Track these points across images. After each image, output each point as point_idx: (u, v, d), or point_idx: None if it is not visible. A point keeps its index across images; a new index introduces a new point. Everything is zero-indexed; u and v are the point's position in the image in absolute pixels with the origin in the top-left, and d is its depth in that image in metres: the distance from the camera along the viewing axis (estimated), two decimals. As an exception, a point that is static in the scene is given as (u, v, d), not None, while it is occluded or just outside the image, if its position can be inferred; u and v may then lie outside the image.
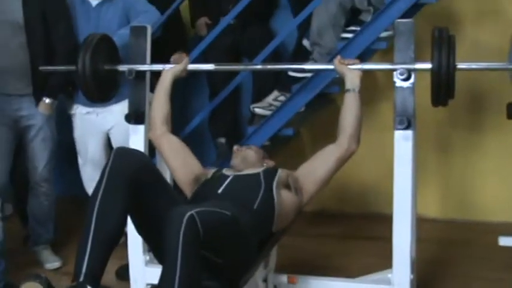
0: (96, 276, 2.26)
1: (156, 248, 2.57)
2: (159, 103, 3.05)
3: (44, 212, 3.96)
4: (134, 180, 2.38)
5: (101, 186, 2.35)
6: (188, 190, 2.89)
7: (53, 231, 4.05)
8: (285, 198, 2.75)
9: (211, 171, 2.92)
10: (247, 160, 2.93)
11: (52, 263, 3.95)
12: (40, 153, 3.85)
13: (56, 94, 3.86)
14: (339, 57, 2.93)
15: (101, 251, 2.29)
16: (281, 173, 2.82)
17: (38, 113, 3.79)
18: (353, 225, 4.61)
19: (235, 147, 3.01)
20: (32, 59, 3.68)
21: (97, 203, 2.32)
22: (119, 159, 2.40)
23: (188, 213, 2.18)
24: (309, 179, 2.83)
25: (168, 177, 3.21)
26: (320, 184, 2.84)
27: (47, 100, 3.80)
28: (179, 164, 2.95)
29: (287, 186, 2.79)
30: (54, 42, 3.74)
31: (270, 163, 2.98)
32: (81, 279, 2.22)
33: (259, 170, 2.84)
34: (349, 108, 2.82)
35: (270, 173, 2.80)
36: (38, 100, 3.77)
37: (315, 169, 2.83)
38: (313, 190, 2.84)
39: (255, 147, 3.06)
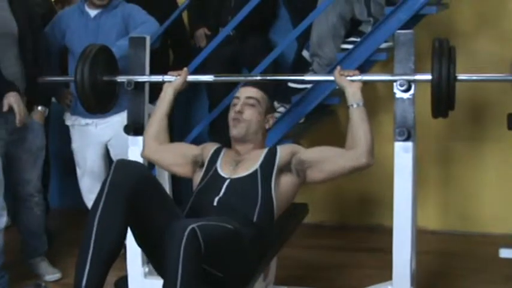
0: None
1: (156, 260, 2.56)
2: (156, 120, 3.03)
3: (38, 223, 3.92)
4: (134, 193, 2.37)
5: (101, 200, 2.34)
6: (192, 176, 2.89)
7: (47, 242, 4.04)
8: (285, 187, 2.74)
9: (208, 152, 2.89)
10: (248, 132, 2.88)
11: (52, 274, 3.91)
12: (35, 163, 3.84)
13: (48, 102, 3.85)
14: (338, 68, 2.92)
15: (100, 265, 2.28)
16: (281, 154, 2.78)
17: (33, 122, 3.78)
18: (353, 237, 4.59)
19: (232, 115, 2.91)
20: (25, 69, 3.68)
21: (97, 216, 2.32)
22: (120, 172, 2.40)
23: (190, 227, 2.18)
24: (317, 166, 2.76)
25: (167, 189, 3.21)
26: (326, 176, 2.77)
27: (40, 108, 3.80)
28: (174, 160, 2.95)
29: (288, 169, 2.77)
30: (40, 52, 3.76)
31: (272, 121, 2.95)
32: None
33: (256, 165, 2.77)
34: (359, 124, 2.75)
35: (269, 163, 2.76)
36: (30, 110, 3.76)
37: (326, 161, 2.76)
38: (317, 178, 2.79)
39: (255, 101, 2.93)
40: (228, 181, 2.74)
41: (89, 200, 3.89)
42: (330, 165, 2.76)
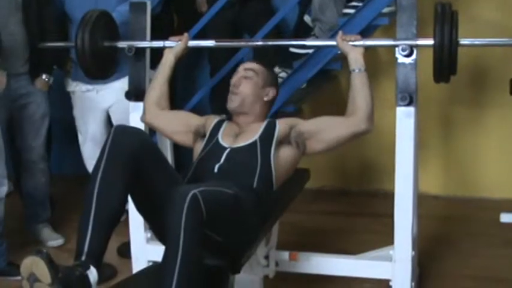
0: (98, 255, 2.26)
1: (157, 227, 2.58)
2: (157, 85, 3.03)
3: (41, 190, 3.96)
4: (134, 158, 2.37)
5: (101, 165, 2.34)
6: (192, 144, 2.90)
7: (50, 208, 4.06)
8: (284, 158, 2.73)
9: (210, 123, 2.88)
10: (243, 103, 2.86)
11: (55, 240, 3.96)
12: (39, 131, 3.85)
13: (52, 70, 3.86)
14: (340, 33, 2.90)
15: (102, 230, 2.28)
16: (280, 127, 2.77)
17: (36, 90, 3.79)
18: (354, 202, 4.62)
19: (232, 82, 2.91)
20: (28, 36, 3.67)
21: (97, 181, 2.32)
22: (119, 137, 2.39)
23: (191, 193, 2.18)
24: (316, 136, 2.75)
25: (169, 157, 3.22)
26: (326, 146, 2.76)
27: (44, 76, 3.80)
28: (175, 127, 2.95)
29: (287, 141, 2.77)
30: (45, 19, 3.74)
31: (271, 93, 2.92)
32: (83, 258, 2.22)
33: (255, 137, 2.76)
34: (359, 88, 2.74)
35: (268, 135, 2.76)
36: (33, 77, 3.77)
37: (325, 130, 2.75)
38: (318, 149, 2.78)
39: (253, 72, 2.91)
40: (228, 150, 2.74)
41: (91, 166, 3.86)
42: (329, 134, 2.75)
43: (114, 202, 2.32)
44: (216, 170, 2.67)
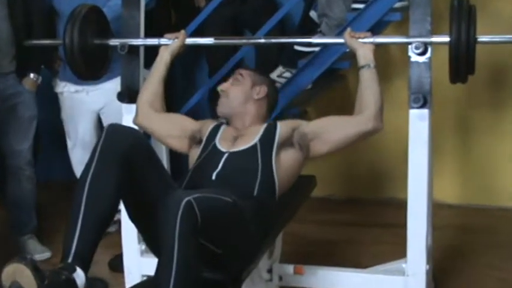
0: (86, 258, 2.25)
1: (150, 237, 2.57)
2: (151, 85, 3.03)
3: (27, 198, 3.93)
4: (127, 159, 2.37)
5: (92, 164, 2.34)
6: (188, 151, 2.91)
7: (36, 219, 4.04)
8: (286, 164, 2.73)
9: (207, 129, 2.89)
10: (232, 105, 2.90)
11: (42, 253, 3.93)
12: (26, 134, 3.84)
13: (40, 69, 3.85)
14: (349, 30, 2.91)
15: (91, 232, 2.27)
16: (282, 129, 2.78)
17: (24, 90, 3.78)
18: (364, 211, 4.62)
19: (219, 88, 2.99)
20: (14, 32, 3.67)
21: (87, 181, 2.31)
22: (112, 136, 2.40)
23: (185, 199, 2.17)
24: (320, 137, 2.75)
25: (165, 162, 3.22)
26: (331, 147, 2.77)
27: (32, 75, 3.79)
28: (168, 130, 2.96)
29: (290, 144, 2.76)
30: (32, 14, 3.74)
31: (262, 91, 2.93)
32: (70, 260, 2.21)
33: (255, 139, 2.76)
34: (368, 86, 2.77)
35: (268, 138, 2.76)
36: (21, 76, 3.76)
37: (330, 130, 2.76)
38: (321, 150, 2.78)
39: (240, 76, 2.97)
40: (226, 155, 2.74)
41: (79, 171, 3.90)
42: (334, 134, 2.76)
43: (105, 204, 2.31)
44: (213, 177, 2.67)
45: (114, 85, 3.64)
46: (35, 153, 4.11)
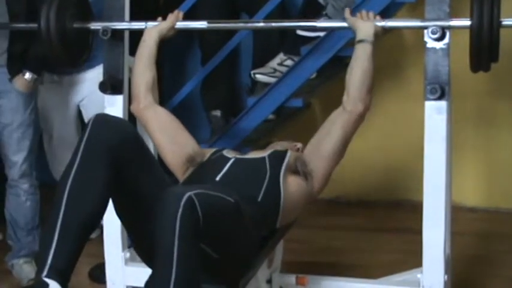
0: (65, 270, 2.23)
1: (141, 241, 2.55)
2: (142, 68, 3.04)
3: (26, 215, 3.81)
4: (116, 155, 2.35)
5: (75, 161, 2.32)
6: (180, 173, 2.89)
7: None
8: (293, 188, 2.75)
9: (208, 152, 2.92)
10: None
11: None
12: (18, 144, 3.73)
13: (39, 68, 3.71)
14: (348, 10, 2.96)
15: (71, 239, 2.25)
16: (290, 156, 2.82)
17: (13, 90, 3.70)
18: (375, 215, 4.63)
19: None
20: (10, 19, 3.59)
21: (70, 180, 2.29)
22: (98, 129, 2.38)
23: (186, 195, 2.15)
24: (315, 157, 2.82)
25: (156, 155, 3.21)
26: (330, 161, 2.82)
27: (27, 74, 3.66)
28: (168, 141, 2.95)
29: (295, 172, 2.79)
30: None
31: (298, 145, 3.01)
32: (45, 273, 2.18)
33: (264, 154, 2.83)
34: (356, 61, 2.83)
35: (278, 158, 2.80)
36: (13, 74, 3.65)
37: (320, 144, 2.83)
38: (323, 170, 2.82)
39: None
40: (233, 159, 2.78)
41: (58, 172, 3.89)
42: (325, 146, 2.81)
43: (89, 207, 2.29)
44: (218, 178, 2.69)
45: (96, 74, 3.62)
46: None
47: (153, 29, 3.08)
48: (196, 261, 2.20)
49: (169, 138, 2.95)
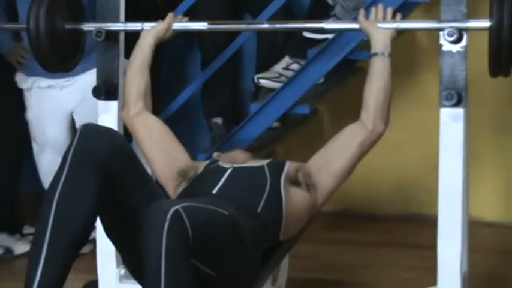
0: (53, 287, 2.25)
1: (131, 257, 2.56)
2: (135, 73, 3.05)
3: None
4: (105, 167, 2.36)
5: (63, 173, 2.33)
6: (171, 187, 2.89)
7: None
8: (295, 198, 2.75)
9: (202, 164, 2.92)
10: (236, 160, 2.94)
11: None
12: None
13: None
14: (363, 11, 2.93)
15: (60, 256, 2.27)
16: (289, 166, 2.82)
17: None
18: (385, 229, 4.63)
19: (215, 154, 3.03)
20: None
21: (57, 193, 2.30)
22: (87, 139, 2.39)
23: (173, 209, 2.16)
24: (323, 172, 2.81)
25: (149, 168, 3.20)
26: (338, 178, 2.83)
27: None
28: (159, 153, 2.95)
29: (296, 183, 2.79)
30: None
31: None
32: None
33: (263, 162, 2.84)
34: (376, 76, 2.81)
35: (277, 166, 2.81)
36: None
37: (331, 159, 2.82)
38: (329, 186, 2.82)
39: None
40: (230, 169, 2.78)
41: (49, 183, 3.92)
42: (337, 161, 2.81)
43: (78, 221, 2.30)
44: (215, 191, 2.69)
45: (91, 77, 3.61)
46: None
47: (149, 32, 3.09)
48: (187, 279, 2.19)
49: (160, 150, 2.96)
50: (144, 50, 3.06)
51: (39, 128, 4.11)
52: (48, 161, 4.10)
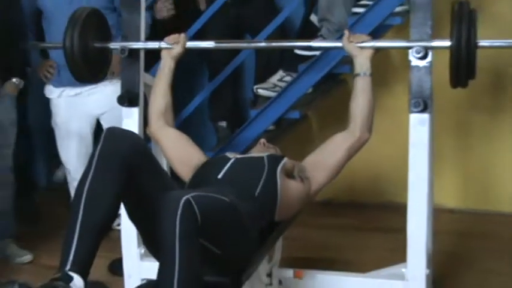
0: (85, 264, 2.25)
1: (150, 239, 2.56)
2: (157, 95, 3.06)
3: (6, 201, 3.89)
4: (127, 164, 2.36)
5: (91, 169, 2.33)
6: (187, 178, 2.89)
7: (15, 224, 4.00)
8: (289, 185, 2.76)
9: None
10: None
11: (22, 257, 3.92)
12: (7, 139, 3.79)
13: (25, 73, 3.79)
14: (347, 33, 2.91)
15: (90, 237, 2.27)
16: (286, 160, 2.83)
17: (6, 94, 3.74)
18: (364, 215, 4.62)
19: (261, 140, 3.08)
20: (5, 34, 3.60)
21: (86, 186, 2.31)
22: (111, 141, 2.39)
23: (184, 198, 2.17)
24: (317, 168, 2.84)
25: (164, 164, 3.22)
26: (330, 173, 2.86)
27: (15, 80, 3.74)
28: (178, 155, 2.97)
29: (292, 176, 2.80)
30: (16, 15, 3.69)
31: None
32: (68, 267, 2.20)
33: (263, 154, 2.85)
34: (360, 93, 2.83)
35: (275, 158, 2.82)
36: (3, 80, 3.70)
37: (324, 159, 2.86)
38: (322, 179, 2.86)
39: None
40: (233, 159, 2.80)
41: (72, 166, 3.96)
42: (329, 159, 2.84)
43: (104, 211, 2.31)
44: (220, 176, 2.71)
45: (115, 87, 3.62)
46: (27, 158, 4.09)
47: (168, 57, 3.08)
48: (197, 257, 2.21)
49: (178, 153, 2.98)
50: (166, 73, 3.07)
51: (64, 130, 4.11)
52: (74, 145, 4.10)
